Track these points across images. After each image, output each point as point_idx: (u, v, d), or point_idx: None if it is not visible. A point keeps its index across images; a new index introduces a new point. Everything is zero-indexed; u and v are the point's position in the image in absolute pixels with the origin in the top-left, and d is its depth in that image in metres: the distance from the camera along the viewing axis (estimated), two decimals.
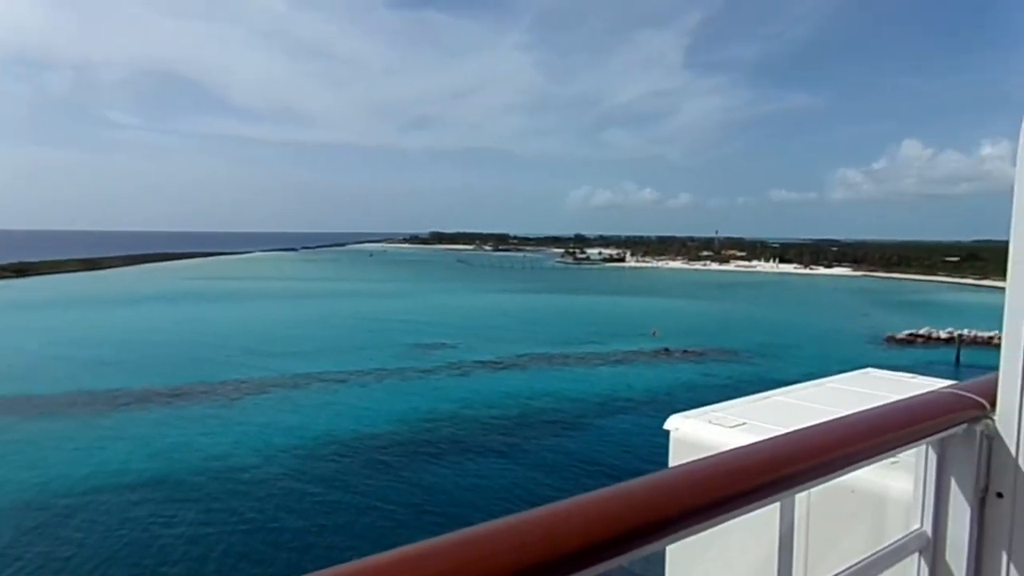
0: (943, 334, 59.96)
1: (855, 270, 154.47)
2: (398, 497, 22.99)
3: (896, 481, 1.99)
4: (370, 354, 47.62)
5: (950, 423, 1.61)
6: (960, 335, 58.11)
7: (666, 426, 2.87)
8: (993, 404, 1.67)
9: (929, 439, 1.61)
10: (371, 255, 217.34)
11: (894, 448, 1.48)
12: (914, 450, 1.63)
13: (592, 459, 27.32)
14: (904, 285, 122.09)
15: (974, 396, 1.66)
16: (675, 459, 2.82)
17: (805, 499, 1.20)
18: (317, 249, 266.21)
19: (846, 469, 1.33)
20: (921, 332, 60.90)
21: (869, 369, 4.10)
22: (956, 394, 1.67)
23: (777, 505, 1.26)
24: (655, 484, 1.10)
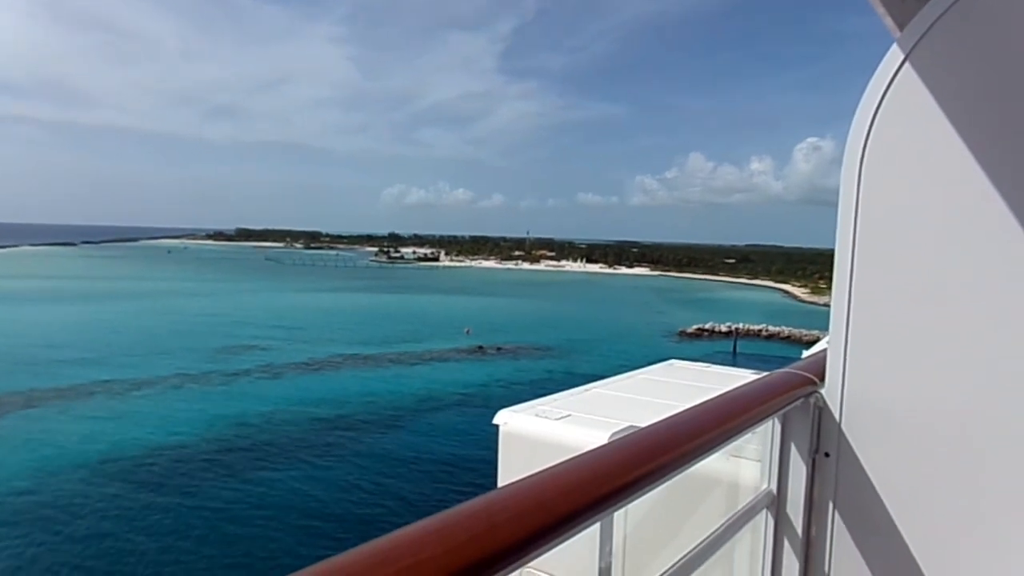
0: (724, 328, 67.11)
1: (653, 270, 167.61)
2: (195, 519, 21.37)
3: (745, 453, 2.29)
4: (168, 359, 43.70)
5: (792, 399, 1.91)
6: (736, 328, 65.45)
7: (495, 421, 2.97)
8: (822, 380, 2.01)
9: (777, 413, 1.90)
10: (169, 252, 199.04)
11: (755, 423, 1.73)
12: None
13: (413, 458, 27.26)
14: (693, 284, 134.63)
15: (808, 374, 1.99)
16: (505, 452, 2.95)
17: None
18: (102, 244, 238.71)
19: (713, 449, 1.47)
20: (706, 327, 67.68)
21: (672, 361, 4.49)
22: (796, 373, 2.00)
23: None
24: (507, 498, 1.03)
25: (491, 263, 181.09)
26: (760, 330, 66.29)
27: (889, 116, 1.86)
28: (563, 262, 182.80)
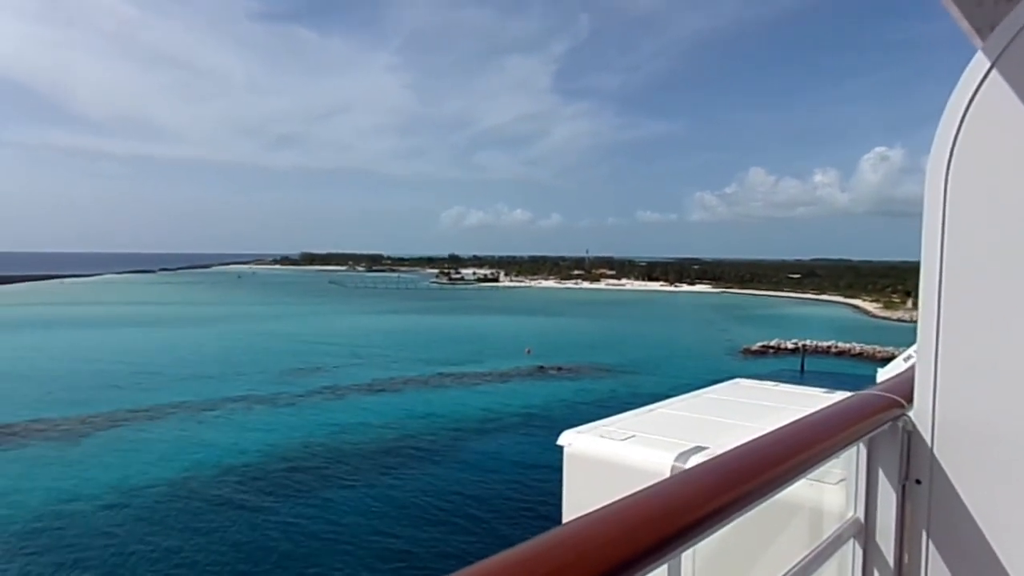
0: (790, 344, 65.06)
1: (715, 287, 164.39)
2: (262, 539, 21.88)
3: (827, 478, 2.18)
4: (239, 381, 45.18)
5: (879, 422, 1.81)
6: (804, 345, 63.31)
7: (559, 442, 2.94)
8: (910, 402, 1.90)
9: (863, 438, 1.81)
10: (239, 277, 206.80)
11: (841, 449, 1.65)
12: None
13: (478, 476, 27.31)
14: (756, 300, 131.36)
15: (895, 396, 1.88)
16: (569, 473, 2.91)
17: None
18: (178, 271, 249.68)
19: (798, 476, 1.41)
20: (772, 344, 65.77)
21: (738, 379, 4.37)
22: (881, 395, 1.88)
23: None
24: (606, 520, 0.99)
25: (551, 283, 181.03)
26: (829, 347, 64.03)
27: (976, 125, 1.78)
28: (623, 280, 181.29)
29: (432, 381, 47.00)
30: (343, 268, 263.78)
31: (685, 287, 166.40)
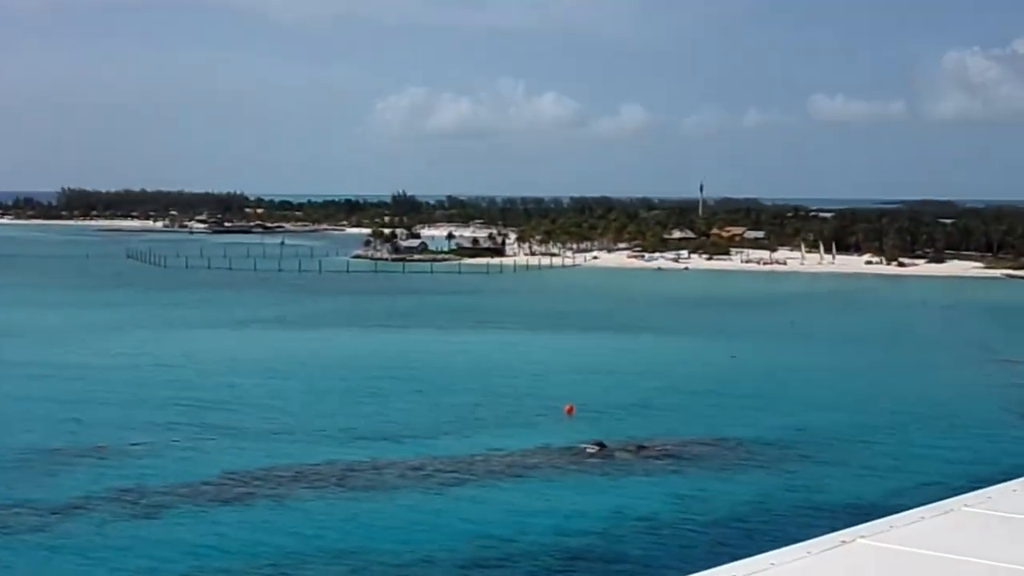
0: None
1: (990, 265, 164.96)
2: None
3: None
4: None
5: None
6: None
7: None
8: None
9: None
10: None
11: None
12: None
13: None
14: None
15: None
16: None
17: None
18: None
19: None
20: None
21: None
22: None
23: None
24: None
25: (618, 258, 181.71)
26: None
27: None
28: (780, 251, 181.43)
29: (358, 475, 47.38)
30: (157, 225, 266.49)
31: (924, 266, 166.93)
